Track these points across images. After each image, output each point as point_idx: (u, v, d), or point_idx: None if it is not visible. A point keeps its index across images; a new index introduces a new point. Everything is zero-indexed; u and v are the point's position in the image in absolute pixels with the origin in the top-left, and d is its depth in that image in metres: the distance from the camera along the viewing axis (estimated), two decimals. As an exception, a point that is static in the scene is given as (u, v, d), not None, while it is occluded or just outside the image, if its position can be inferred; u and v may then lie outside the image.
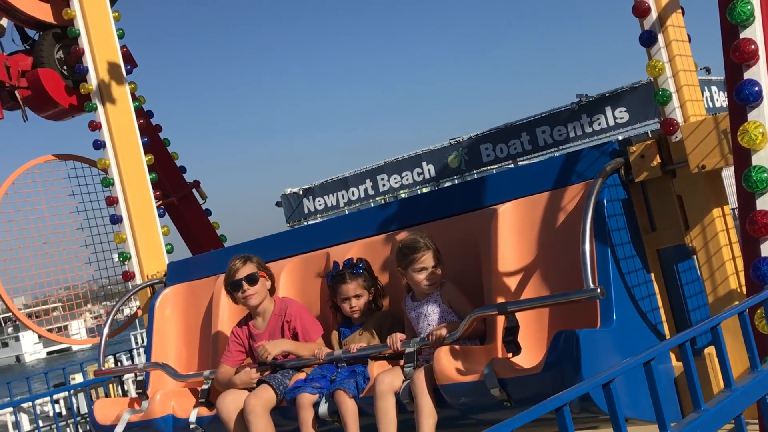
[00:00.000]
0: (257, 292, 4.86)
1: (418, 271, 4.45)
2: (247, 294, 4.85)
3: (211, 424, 4.94)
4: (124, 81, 6.51)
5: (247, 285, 4.84)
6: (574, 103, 14.82)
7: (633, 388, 3.75)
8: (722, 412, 1.84)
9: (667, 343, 1.95)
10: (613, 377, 1.72)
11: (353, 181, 17.01)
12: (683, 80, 4.19)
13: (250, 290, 4.84)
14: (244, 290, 4.84)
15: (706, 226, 4.14)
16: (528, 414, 1.58)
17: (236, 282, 4.86)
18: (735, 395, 1.90)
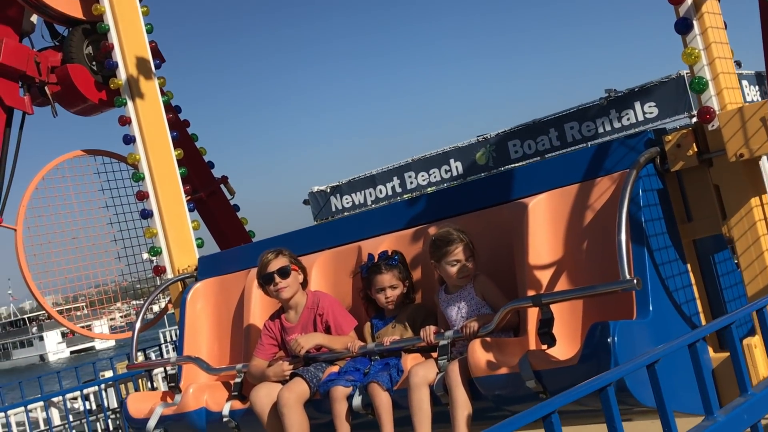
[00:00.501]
0: (289, 285, 4.86)
1: (451, 263, 4.43)
2: (280, 287, 4.85)
3: (244, 417, 4.94)
4: (153, 76, 6.53)
5: (279, 278, 4.84)
6: (602, 98, 14.66)
7: (673, 380, 3.71)
8: None
9: (710, 326, 1.91)
10: (657, 358, 1.68)
11: (381, 179, 16.96)
12: (719, 68, 4.12)
13: (282, 283, 4.84)
14: (276, 283, 4.84)
15: (744, 216, 4.07)
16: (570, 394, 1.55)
17: (268, 275, 4.86)
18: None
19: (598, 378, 1.61)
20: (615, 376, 1.62)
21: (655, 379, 1.68)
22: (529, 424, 1.73)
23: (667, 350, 1.81)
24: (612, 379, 1.60)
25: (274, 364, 4.83)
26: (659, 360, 1.69)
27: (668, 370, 3.75)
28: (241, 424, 4.97)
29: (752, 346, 4.17)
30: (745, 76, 14.65)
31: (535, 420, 1.57)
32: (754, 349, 4.16)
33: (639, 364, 1.69)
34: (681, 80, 13.47)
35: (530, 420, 1.57)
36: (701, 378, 1.74)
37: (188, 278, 6.13)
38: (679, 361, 3.10)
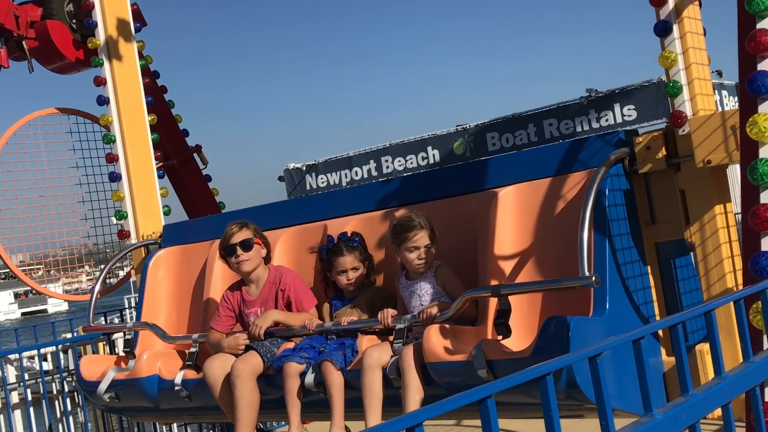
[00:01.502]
0: (251, 259, 4.84)
1: (410, 249, 4.42)
2: (241, 259, 4.83)
3: (196, 387, 4.92)
4: (133, 38, 6.46)
5: (241, 250, 4.82)
6: (583, 97, 14.71)
7: (620, 378, 3.74)
8: (710, 398, 1.80)
9: (659, 324, 1.92)
10: (600, 351, 1.69)
11: (357, 161, 16.93)
12: (695, 73, 4.14)
13: (243, 256, 4.82)
14: (238, 255, 4.82)
15: (707, 222, 4.11)
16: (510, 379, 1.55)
17: (230, 246, 4.84)
18: (724, 383, 1.87)
19: (538, 366, 1.61)
20: (555, 365, 1.62)
21: (596, 372, 1.69)
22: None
23: (610, 344, 1.82)
24: (552, 368, 1.60)
25: (231, 336, 4.82)
26: (602, 353, 1.69)
27: (619, 369, 3.80)
28: (192, 394, 4.95)
29: (704, 352, 4.21)
30: (725, 86, 14.74)
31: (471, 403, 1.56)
32: (706, 354, 4.21)
33: (581, 355, 1.70)
34: (661, 85, 13.55)
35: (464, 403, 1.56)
36: (642, 375, 1.75)
37: (152, 245, 6.08)
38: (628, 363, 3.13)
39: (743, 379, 1.96)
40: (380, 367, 4.22)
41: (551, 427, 1.58)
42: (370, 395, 4.20)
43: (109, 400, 5.33)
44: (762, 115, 2.71)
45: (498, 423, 1.52)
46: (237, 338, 4.76)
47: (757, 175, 2.66)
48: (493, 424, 1.49)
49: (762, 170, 2.66)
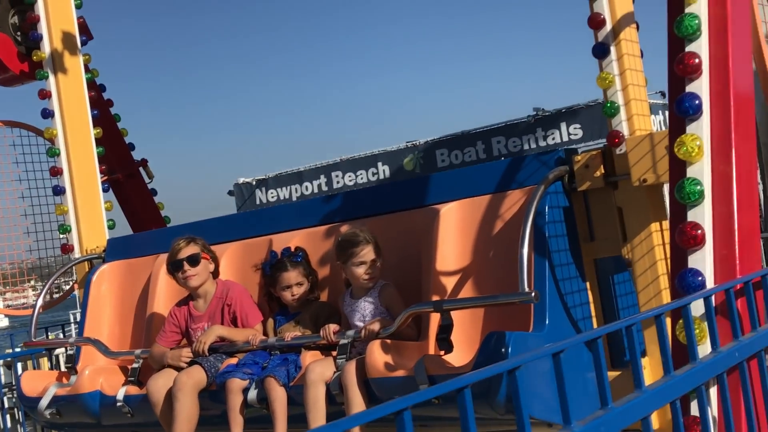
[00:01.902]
0: (198, 274, 4.85)
1: (357, 265, 4.45)
2: (188, 275, 4.83)
3: (138, 403, 4.89)
4: (78, 52, 6.41)
5: (188, 265, 4.82)
6: (530, 116, 14.93)
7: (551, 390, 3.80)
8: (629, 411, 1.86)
9: (582, 337, 1.98)
10: (518, 364, 1.74)
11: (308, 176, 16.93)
12: (632, 94, 4.25)
13: (190, 271, 4.82)
14: (185, 270, 4.82)
15: (643, 240, 4.20)
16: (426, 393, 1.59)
17: (178, 261, 4.84)
18: (643, 396, 1.93)
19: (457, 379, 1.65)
20: (473, 378, 1.66)
21: (515, 385, 1.74)
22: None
23: (531, 357, 1.88)
24: (469, 381, 1.64)
25: (175, 351, 4.80)
26: (520, 367, 1.74)
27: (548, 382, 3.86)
28: (134, 410, 4.91)
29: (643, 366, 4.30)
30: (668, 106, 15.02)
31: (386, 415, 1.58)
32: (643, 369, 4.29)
33: (500, 368, 1.75)
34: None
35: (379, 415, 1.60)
36: (561, 387, 1.80)
37: (95, 259, 6.03)
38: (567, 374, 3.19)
39: (663, 392, 2.02)
40: (323, 382, 4.23)
41: None
42: (314, 410, 4.20)
43: (50, 417, 5.26)
44: (689, 136, 2.80)
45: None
46: (181, 353, 4.74)
47: (684, 193, 2.74)
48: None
49: (689, 189, 2.74)
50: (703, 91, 2.84)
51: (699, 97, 2.82)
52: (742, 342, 2.43)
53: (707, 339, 2.47)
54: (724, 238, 2.70)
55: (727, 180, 2.76)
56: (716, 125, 2.81)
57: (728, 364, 2.36)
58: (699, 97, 2.82)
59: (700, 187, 2.75)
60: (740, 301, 2.61)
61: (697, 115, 2.82)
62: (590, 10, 4.31)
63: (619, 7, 4.26)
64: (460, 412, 1.62)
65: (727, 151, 2.79)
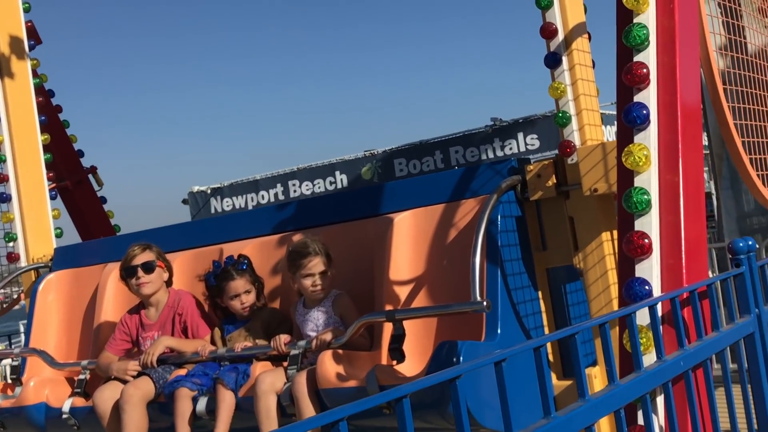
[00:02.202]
0: (152, 281, 4.79)
1: (305, 276, 4.41)
2: (142, 282, 4.77)
3: (85, 415, 4.78)
4: (26, 56, 6.29)
5: (142, 272, 4.77)
6: (488, 126, 15.05)
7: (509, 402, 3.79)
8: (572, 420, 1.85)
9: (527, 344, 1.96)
10: (459, 373, 1.71)
11: (264, 185, 16.86)
12: (584, 104, 4.27)
13: (144, 278, 4.77)
14: (139, 277, 4.76)
15: (594, 249, 4.22)
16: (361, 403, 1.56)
17: (132, 268, 4.76)
18: (587, 405, 1.91)
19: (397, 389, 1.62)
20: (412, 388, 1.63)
21: (455, 394, 1.71)
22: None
23: (471, 366, 1.85)
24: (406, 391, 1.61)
25: (121, 362, 4.71)
26: (461, 376, 1.72)
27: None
28: (81, 423, 4.80)
29: (592, 376, 4.32)
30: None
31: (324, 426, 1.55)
32: (593, 379, 4.31)
33: (441, 377, 1.72)
34: (562, 115, 13.91)
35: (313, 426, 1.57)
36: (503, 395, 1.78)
37: (42, 268, 5.91)
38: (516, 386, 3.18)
39: (608, 401, 2.01)
40: (274, 392, 4.18)
41: None
42: (266, 421, 4.14)
43: (-7, 429, 5.13)
44: (637, 145, 2.80)
45: None
46: (127, 365, 4.65)
47: (632, 203, 2.75)
48: None
49: (636, 198, 2.75)
50: (651, 101, 2.85)
51: (647, 107, 2.83)
52: (688, 351, 2.44)
53: (653, 348, 2.47)
54: (671, 247, 2.71)
55: (675, 189, 2.77)
56: (664, 135, 2.83)
57: (673, 373, 2.35)
58: (647, 107, 2.83)
59: (648, 196, 2.76)
60: (686, 311, 2.61)
61: (644, 125, 2.84)
62: (543, 20, 4.33)
63: (571, 17, 4.29)
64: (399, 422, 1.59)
65: (675, 161, 2.80)
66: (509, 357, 1.86)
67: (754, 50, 4.26)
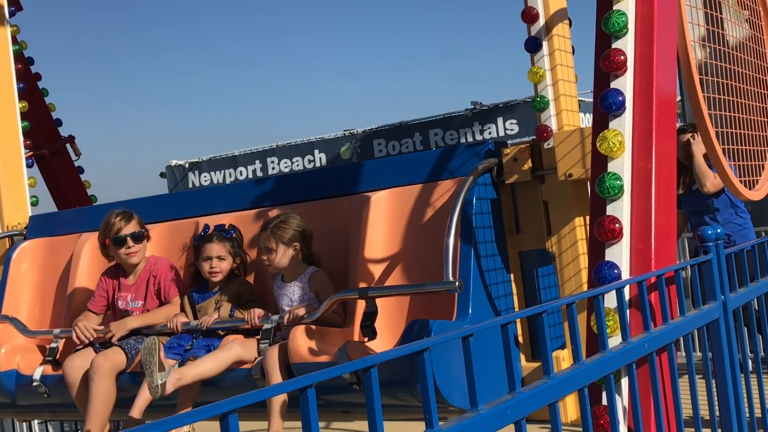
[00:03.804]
0: (140, 251, 4.83)
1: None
2: (131, 251, 4.79)
3: (56, 384, 4.79)
4: (6, 22, 6.23)
5: (132, 242, 4.79)
6: (468, 109, 15.08)
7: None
8: (536, 396, 1.89)
9: (491, 322, 2.00)
10: (428, 346, 1.74)
11: (242, 161, 16.83)
12: (562, 90, 4.31)
13: (134, 248, 4.80)
14: (129, 247, 4.78)
15: (567, 234, 4.27)
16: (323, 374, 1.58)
17: (121, 238, 4.77)
18: (551, 383, 1.96)
19: (364, 359, 1.65)
20: (378, 359, 1.67)
21: (422, 368, 1.75)
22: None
23: (440, 340, 1.89)
24: (375, 361, 1.65)
25: (82, 325, 4.73)
26: (429, 348, 1.75)
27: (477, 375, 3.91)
28: (51, 391, 4.82)
29: (560, 359, 4.38)
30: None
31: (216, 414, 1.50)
32: (561, 361, 4.38)
33: (408, 349, 1.75)
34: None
35: (284, 391, 1.59)
36: (470, 370, 1.82)
37: (17, 235, 5.88)
38: (486, 366, 3.22)
39: (572, 380, 2.06)
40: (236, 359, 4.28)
41: (373, 426, 1.62)
42: None
43: (-38, 395, 5.13)
44: (611, 131, 2.84)
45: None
46: (86, 330, 4.68)
47: (604, 188, 2.79)
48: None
49: (609, 183, 2.79)
50: (627, 88, 2.89)
51: (623, 94, 2.87)
52: (653, 334, 2.49)
53: (620, 331, 2.52)
54: (641, 233, 2.76)
55: (647, 176, 2.82)
56: (638, 122, 2.87)
57: (638, 354, 2.40)
58: (623, 94, 2.87)
59: (620, 182, 2.80)
60: (653, 296, 2.66)
61: (620, 111, 2.87)
62: (524, 4, 4.36)
63: (552, 2, 4.32)
64: (366, 392, 1.62)
65: (648, 149, 2.84)
66: (477, 333, 1.89)
67: (733, 42, 4.30)
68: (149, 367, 4.04)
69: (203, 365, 4.25)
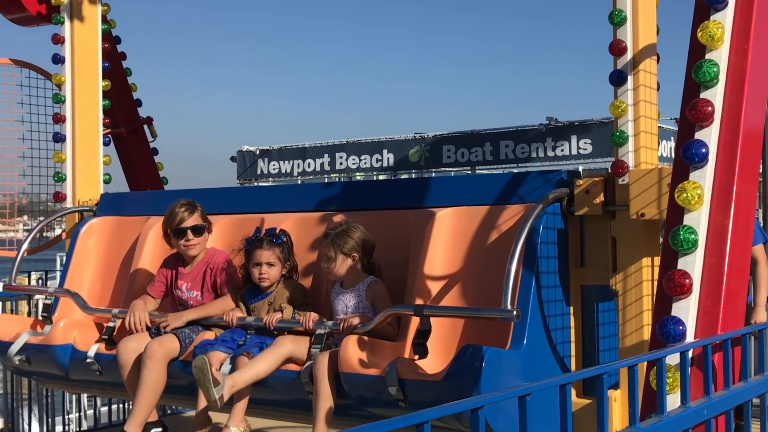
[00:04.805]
0: (199, 243, 4.91)
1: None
2: (190, 244, 4.88)
3: (108, 362, 4.88)
4: (98, 1, 6.36)
5: (192, 235, 4.88)
6: (542, 124, 14.93)
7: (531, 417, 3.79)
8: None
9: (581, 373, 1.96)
10: (483, 404, 1.71)
11: (311, 153, 16.94)
12: (643, 126, 4.21)
13: (193, 240, 4.88)
14: (188, 239, 4.87)
15: (633, 273, 4.18)
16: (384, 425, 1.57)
17: (182, 229, 4.85)
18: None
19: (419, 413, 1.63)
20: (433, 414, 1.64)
21: (524, 412, 1.73)
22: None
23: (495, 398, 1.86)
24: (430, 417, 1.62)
25: (137, 312, 4.80)
26: (531, 394, 1.73)
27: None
28: (103, 369, 4.90)
29: (612, 399, 4.29)
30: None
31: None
32: (613, 402, 4.29)
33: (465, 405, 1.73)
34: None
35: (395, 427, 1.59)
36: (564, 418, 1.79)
37: (87, 211, 6.00)
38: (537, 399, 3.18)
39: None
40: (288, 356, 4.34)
41: None
42: None
43: (19, 363, 5.26)
44: (691, 183, 2.76)
45: None
46: (139, 321, 4.75)
47: (678, 240, 2.71)
48: None
49: (683, 236, 2.71)
50: (712, 140, 2.81)
51: (706, 146, 2.79)
52: (713, 400, 2.41)
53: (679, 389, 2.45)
54: (711, 291, 2.68)
55: (723, 233, 2.74)
56: (720, 177, 2.78)
57: (696, 420, 2.34)
58: (706, 146, 2.79)
59: (695, 236, 2.72)
60: (717, 356, 2.59)
61: (702, 163, 2.79)
62: (613, 36, 4.27)
63: (642, 37, 4.22)
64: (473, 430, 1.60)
65: (727, 204, 2.76)
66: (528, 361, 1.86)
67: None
68: (204, 384, 4.09)
69: (255, 368, 4.27)
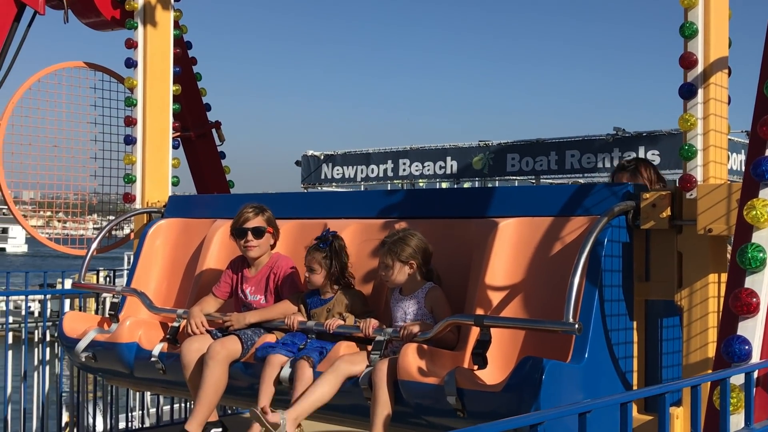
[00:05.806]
0: (259, 246, 4.97)
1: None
2: (250, 245, 4.94)
3: (172, 362, 4.97)
4: (171, 7, 6.50)
5: (252, 236, 4.94)
6: (609, 134, 14.75)
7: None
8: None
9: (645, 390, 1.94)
10: (543, 420, 1.71)
11: (375, 159, 17.01)
12: (712, 140, 4.14)
13: (253, 242, 4.94)
14: (248, 240, 4.93)
15: (699, 289, 4.10)
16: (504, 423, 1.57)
17: (243, 230, 4.94)
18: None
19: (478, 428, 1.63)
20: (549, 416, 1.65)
21: (583, 429, 1.72)
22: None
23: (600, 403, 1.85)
24: (547, 417, 1.63)
25: (197, 316, 4.87)
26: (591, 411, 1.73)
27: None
28: (167, 368, 5.00)
29: (674, 416, 4.22)
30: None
31: None
32: (675, 419, 4.21)
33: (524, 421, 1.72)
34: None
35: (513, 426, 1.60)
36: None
37: (155, 213, 6.13)
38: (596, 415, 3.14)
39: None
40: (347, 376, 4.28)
41: None
42: None
43: (85, 360, 5.38)
44: (761, 201, 2.71)
45: None
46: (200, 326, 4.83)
47: (746, 258, 2.66)
48: None
49: (751, 254, 2.66)
50: (784, 157, 2.75)
51: (778, 163, 2.73)
52: (779, 423, 2.36)
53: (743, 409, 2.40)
54: (780, 310, 2.62)
55: (793, 251, 2.67)
56: (791, 193, 2.72)
57: (760, 443, 2.29)
58: (778, 163, 2.73)
59: (763, 254, 2.67)
60: (785, 378, 2.53)
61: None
62: (684, 49, 4.20)
63: (714, 50, 4.14)
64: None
65: (798, 222, 2.69)
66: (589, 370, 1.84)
67: None
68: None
69: (314, 394, 4.26)
